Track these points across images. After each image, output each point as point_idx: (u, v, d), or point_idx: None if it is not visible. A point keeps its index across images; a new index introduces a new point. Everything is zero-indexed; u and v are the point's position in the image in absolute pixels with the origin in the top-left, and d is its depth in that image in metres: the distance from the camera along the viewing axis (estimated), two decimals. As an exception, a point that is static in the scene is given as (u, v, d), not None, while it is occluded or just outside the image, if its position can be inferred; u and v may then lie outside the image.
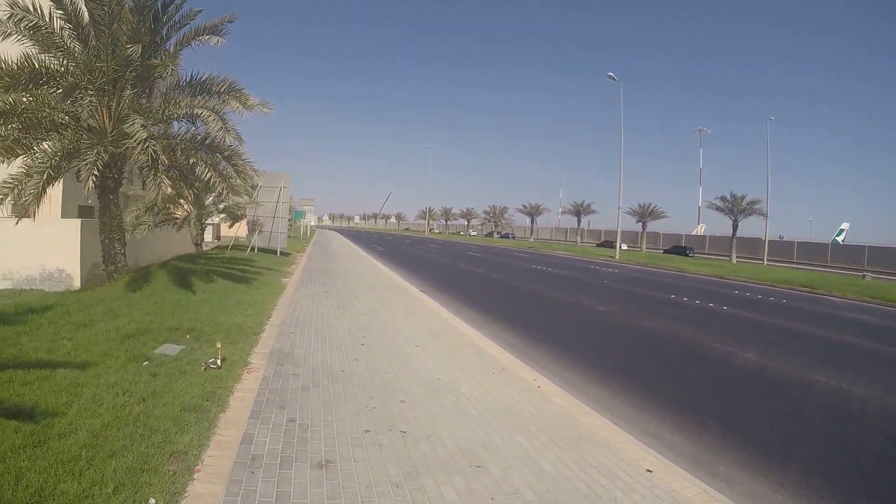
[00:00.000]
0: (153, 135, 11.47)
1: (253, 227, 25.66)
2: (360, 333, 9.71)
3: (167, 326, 8.60)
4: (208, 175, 12.74)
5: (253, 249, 25.33)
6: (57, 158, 10.95)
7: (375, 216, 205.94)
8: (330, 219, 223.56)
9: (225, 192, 13.42)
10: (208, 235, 34.75)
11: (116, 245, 14.01)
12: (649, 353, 10.89)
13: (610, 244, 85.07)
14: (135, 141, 10.82)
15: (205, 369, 6.63)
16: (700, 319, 15.21)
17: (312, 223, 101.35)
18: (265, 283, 15.16)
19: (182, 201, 22.62)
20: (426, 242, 68.67)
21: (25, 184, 10.72)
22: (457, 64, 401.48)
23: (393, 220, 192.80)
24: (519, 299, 17.82)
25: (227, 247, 25.33)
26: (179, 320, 9.11)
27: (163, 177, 11.65)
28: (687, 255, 61.73)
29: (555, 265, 34.93)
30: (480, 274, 25.84)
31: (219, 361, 6.79)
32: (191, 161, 12.95)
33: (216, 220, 32.99)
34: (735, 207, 55.79)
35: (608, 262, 44.09)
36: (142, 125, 10.91)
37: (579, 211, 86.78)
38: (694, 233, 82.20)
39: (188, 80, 13.57)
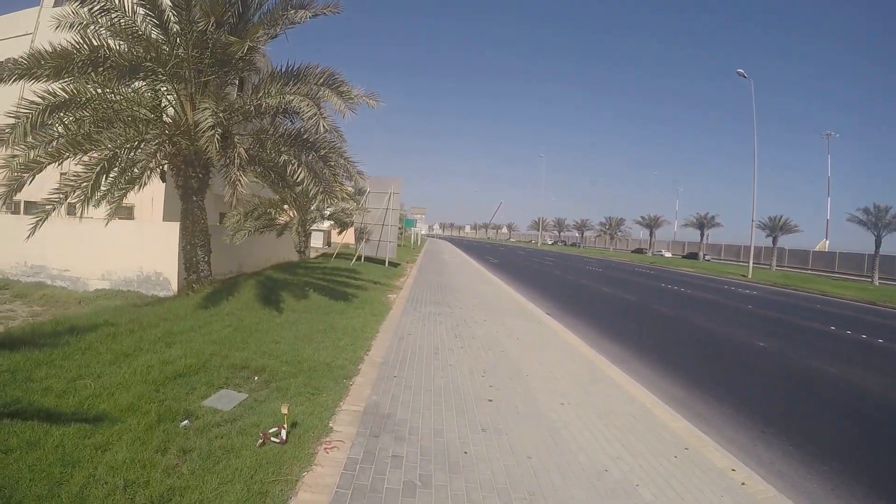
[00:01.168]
0: (221, 122, 9.63)
1: (360, 234, 24.00)
2: (486, 380, 7.19)
3: (231, 363, 6.49)
4: (300, 175, 10.83)
5: (360, 259, 23.66)
6: (115, 151, 9.33)
7: (486, 226, 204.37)
8: (441, 228, 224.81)
9: (321, 195, 11.39)
10: (318, 242, 33.79)
11: (199, 252, 12.47)
12: (844, 412, 7.96)
13: (642, 251, 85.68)
14: (202, 129, 9.06)
15: (262, 444, 4.40)
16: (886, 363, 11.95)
17: (423, 232, 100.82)
18: (368, 300, 13.07)
19: (286, 206, 21.43)
20: (540, 255, 65.51)
21: (80, 180, 9.18)
22: (570, 68, 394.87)
23: (504, 230, 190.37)
24: (664, 329, 14.68)
25: (332, 255, 23.80)
26: (251, 353, 7.02)
27: (239, 174, 9.80)
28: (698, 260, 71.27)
29: (684, 284, 30.91)
30: (608, 293, 22.71)
31: (284, 434, 4.54)
32: (281, 159, 11.08)
33: (324, 226, 31.86)
34: (879, 221, 46.48)
35: (740, 280, 39.31)
36: (211, 112, 9.11)
37: (703, 223, 79.92)
38: (816, 249, 72.88)
39: (282, 70, 11.81)
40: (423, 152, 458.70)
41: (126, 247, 16.30)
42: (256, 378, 6.15)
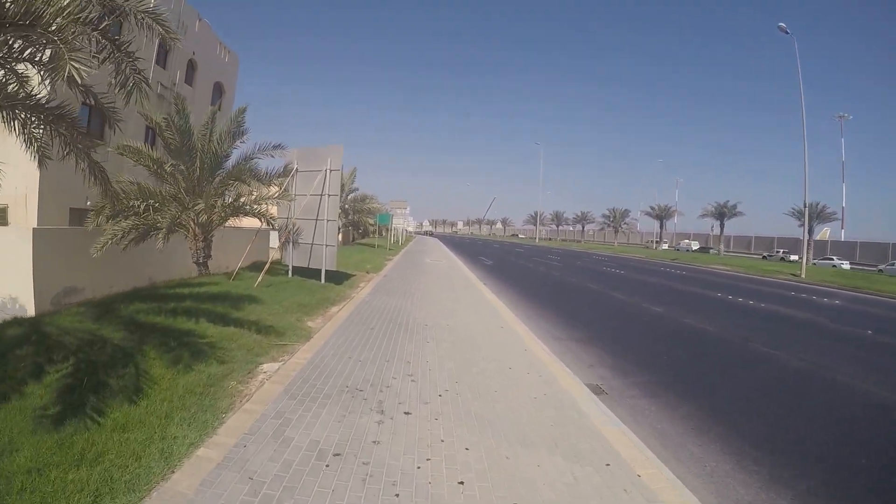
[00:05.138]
0: None
1: (283, 235, 15.98)
2: None
3: None
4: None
5: (287, 272, 15.69)
6: None
7: (480, 222, 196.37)
8: (431, 225, 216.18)
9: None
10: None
11: None
12: None
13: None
14: None
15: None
16: None
17: (410, 229, 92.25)
18: (133, 425, 5.13)
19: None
20: (541, 252, 57.44)
21: None
22: (565, 60, 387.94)
23: (499, 225, 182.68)
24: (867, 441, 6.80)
25: (233, 273, 15.27)
26: None
27: None
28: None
29: (744, 293, 22.69)
30: (665, 318, 14.75)
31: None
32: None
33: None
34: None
35: (791, 280, 32.05)
36: None
37: (723, 212, 71.93)
38: (818, 238, 65.30)
39: None
40: (414, 147, 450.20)
41: (-22, 265, 10.49)
42: None
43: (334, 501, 3.81)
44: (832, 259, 51.98)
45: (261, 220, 15.78)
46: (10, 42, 6.50)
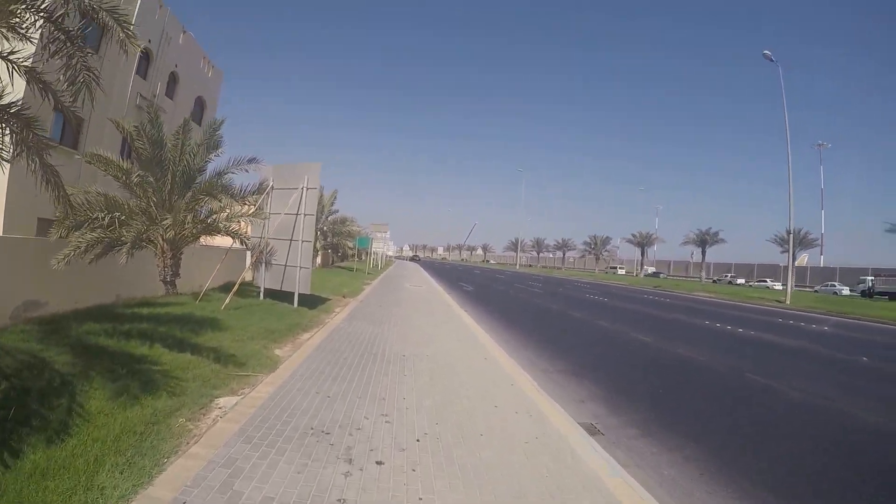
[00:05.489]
0: None
1: (256, 255, 15.20)
2: None
3: None
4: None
5: (259, 293, 14.90)
6: None
7: (460, 247, 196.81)
8: (412, 249, 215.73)
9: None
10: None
11: None
12: None
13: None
14: None
15: None
16: None
17: (390, 253, 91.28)
18: None
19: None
20: (522, 279, 56.99)
21: None
22: (547, 83, 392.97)
23: (479, 251, 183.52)
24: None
25: (199, 294, 14.32)
26: None
27: None
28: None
29: (740, 322, 22.02)
30: (651, 346, 14.14)
31: None
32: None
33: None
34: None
35: (777, 307, 32.25)
36: None
37: (704, 240, 72.70)
38: (797, 264, 65.33)
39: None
40: (395, 171, 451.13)
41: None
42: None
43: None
44: (765, 281, 62.89)
45: (233, 239, 15.00)
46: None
